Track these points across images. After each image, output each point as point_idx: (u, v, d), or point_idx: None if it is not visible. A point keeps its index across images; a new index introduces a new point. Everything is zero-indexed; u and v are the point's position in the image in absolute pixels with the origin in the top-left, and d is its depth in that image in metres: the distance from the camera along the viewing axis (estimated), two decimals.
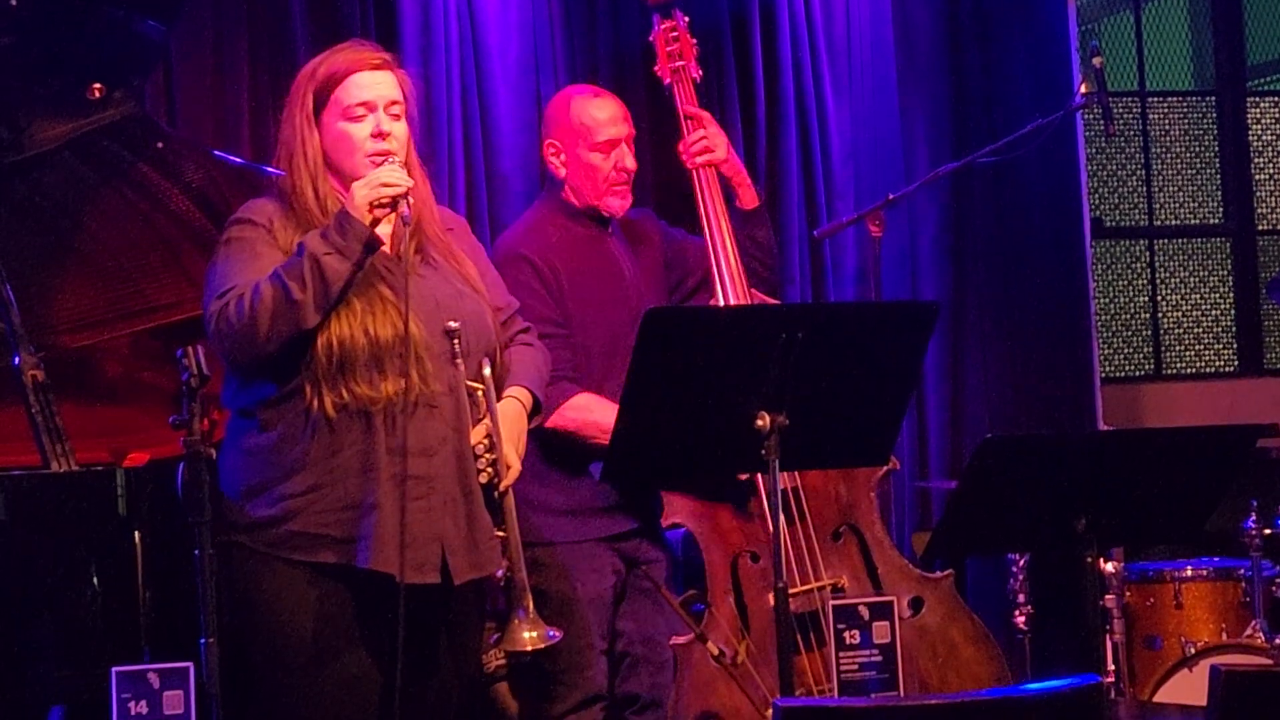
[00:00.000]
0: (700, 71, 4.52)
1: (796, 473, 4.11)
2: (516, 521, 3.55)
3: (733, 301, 4.26)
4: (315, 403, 3.41)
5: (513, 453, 3.55)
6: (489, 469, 3.52)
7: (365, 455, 3.42)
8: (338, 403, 3.41)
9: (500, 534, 3.54)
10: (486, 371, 3.55)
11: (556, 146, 4.34)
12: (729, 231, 4.34)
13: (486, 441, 3.52)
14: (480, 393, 3.53)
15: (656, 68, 4.50)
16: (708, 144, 4.40)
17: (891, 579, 4.17)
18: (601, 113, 4.34)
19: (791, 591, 4.00)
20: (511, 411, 3.61)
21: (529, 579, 4.01)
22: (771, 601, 3.90)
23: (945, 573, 4.24)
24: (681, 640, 4.05)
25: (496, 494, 3.53)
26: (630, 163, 4.34)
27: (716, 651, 4.00)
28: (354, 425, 3.43)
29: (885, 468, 4.20)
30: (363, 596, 3.46)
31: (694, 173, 4.40)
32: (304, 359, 3.42)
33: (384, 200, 3.41)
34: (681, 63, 4.47)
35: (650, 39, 4.53)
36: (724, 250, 4.32)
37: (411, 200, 3.45)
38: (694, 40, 4.51)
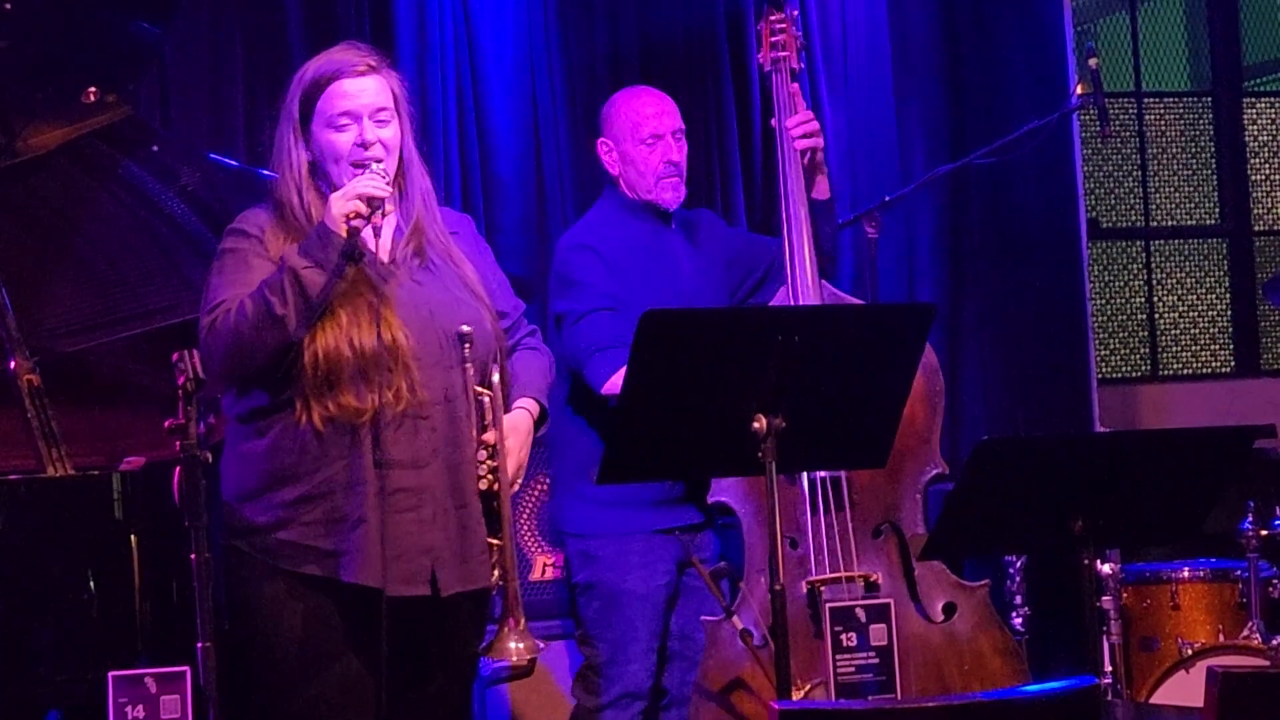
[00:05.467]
0: (801, 64, 4.52)
1: None
2: (512, 531, 3.54)
3: (801, 292, 4.25)
4: (304, 416, 3.40)
5: (514, 464, 3.55)
6: (489, 476, 3.51)
7: (352, 469, 3.41)
8: (325, 416, 3.40)
9: (496, 543, 3.52)
10: (495, 379, 3.54)
11: (609, 145, 4.41)
12: (807, 220, 4.32)
13: (490, 449, 3.51)
14: (488, 400, 3.52)
15: (760, 54, 4.50)
16: (813, 126, 4.37)
17: (927, 583, 4.17)
18: (645, 107, 4.40)
19: (822, 580, 4.05)
20: (521, 423, 3.60)
21: (581, 571, 4.05)
22: (804, 589, 3.98)
23: (982, 582, 4.22)
24: (711, 618, 4.09)
25: (495, 504, 3.52)
26: (675, 155, 4.37)
27: (742, 627, 4.02)
28: (342, 438, 3.41)
29: (936, 469, 4.21)
30: (351, 608, 3.44)
31: (781, 160, 4.36)
32: (293, 372, 3.41)
33: (360, 211, 3.38)
34: (784, 53, 4.45)
35: (757, 26, 4.56)
36: (800, 238, 4.30)
37: (389, 209, 3.43)
38: (799, 34, 4.51)
